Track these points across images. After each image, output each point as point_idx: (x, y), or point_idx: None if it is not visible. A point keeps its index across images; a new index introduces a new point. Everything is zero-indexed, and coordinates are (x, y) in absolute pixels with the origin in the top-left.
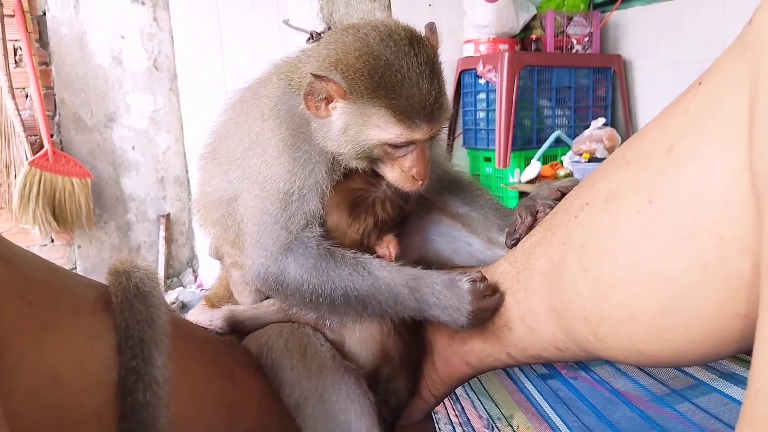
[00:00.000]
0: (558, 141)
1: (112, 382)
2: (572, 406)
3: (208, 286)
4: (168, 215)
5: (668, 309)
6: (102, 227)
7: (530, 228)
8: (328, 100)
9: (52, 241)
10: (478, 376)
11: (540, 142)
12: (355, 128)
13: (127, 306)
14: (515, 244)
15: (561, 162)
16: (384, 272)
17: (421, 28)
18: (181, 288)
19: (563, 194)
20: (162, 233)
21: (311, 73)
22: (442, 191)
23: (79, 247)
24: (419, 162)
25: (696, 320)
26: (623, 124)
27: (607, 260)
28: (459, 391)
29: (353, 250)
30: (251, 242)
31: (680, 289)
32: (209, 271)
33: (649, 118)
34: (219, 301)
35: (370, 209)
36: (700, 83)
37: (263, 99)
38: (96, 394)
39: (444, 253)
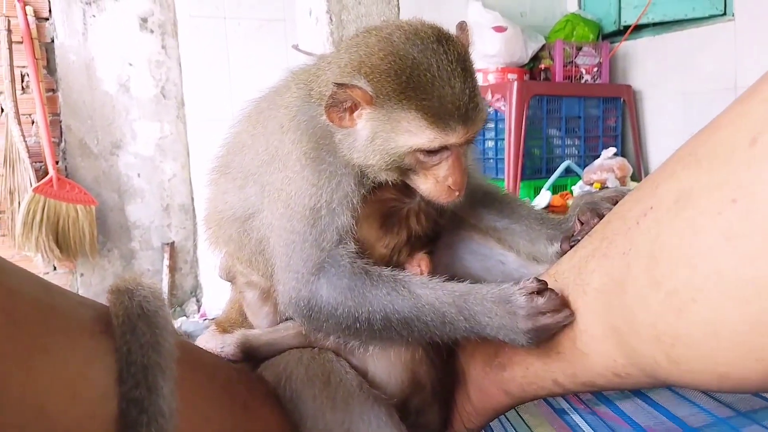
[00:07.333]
0: (568, 171)
1: (110, 414)
2: None
3: (211, 316)
4: (172, 243)
5: (760, 322)
6: (105, 255)
7: None
8: (353, 108)
9: (55, 269)
10: (516, 407)
11: (549, 172)
12: (384, 135)
13: (129, 328)
14: None
15: (571, 192)
16: (426, 290)
17: None
18: (184, 318)
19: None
20: (166, 261)
21: (334, 83)
22: (475, 205)
23: (82, 275)
24: (455, 170)
25: None
26: (633, 154)
27: (682, 270)
28: (494, 423)
29: (389, 268)
30: (281, 266)
31: None
32: (213, 301)
33: (660, 147)
34: (231, 326)
35: (403, 222)
36: None
37: (281, 109)
38: (91, 428)
39: (475, 272)
